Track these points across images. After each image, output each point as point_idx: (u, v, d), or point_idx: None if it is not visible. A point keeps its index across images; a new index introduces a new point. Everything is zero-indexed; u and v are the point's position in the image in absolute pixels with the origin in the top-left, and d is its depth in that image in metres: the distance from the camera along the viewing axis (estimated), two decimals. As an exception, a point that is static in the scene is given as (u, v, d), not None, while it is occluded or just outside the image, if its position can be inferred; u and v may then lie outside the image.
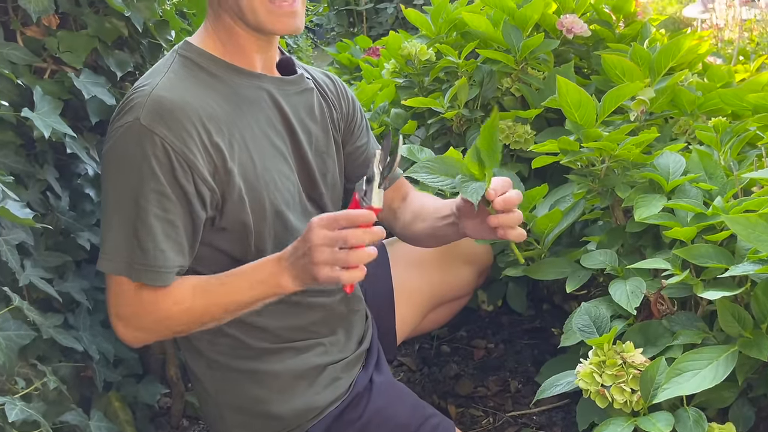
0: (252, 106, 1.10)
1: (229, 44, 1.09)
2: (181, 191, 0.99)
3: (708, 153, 1.15)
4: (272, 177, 1.10)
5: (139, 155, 0.97)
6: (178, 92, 1.02)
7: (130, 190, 0.98)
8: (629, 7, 1.73)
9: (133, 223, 0.98)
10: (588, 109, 1.17)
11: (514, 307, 1.66)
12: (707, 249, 0.94)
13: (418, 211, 1.29)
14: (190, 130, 0.99)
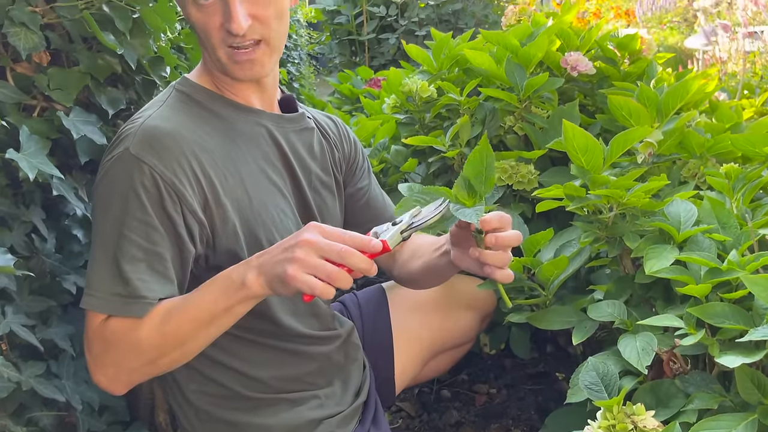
0: (249, 141, 1.06)
1: (220, 83, 1.07)
2: (170, 222, 0.95)
3: (720, 201, 1.10)
4: (269, 213, 1.06)
5: (126, 185, 0.93)
6: (172, 123, 0.99)
7: (115, 220, 0.94)
8: (634, 44, 1.70)
9: (114, 254, 0.93)
10: (595, 153, 1.13)
11: (517, 352, 1.60)
12: (723, 308, 0.88)
13: (415, 249, 1.27)
14: (181, 160, 0.96)
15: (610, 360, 1.04)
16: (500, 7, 4.12)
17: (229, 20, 0.96)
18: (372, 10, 3.83)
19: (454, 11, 3.77)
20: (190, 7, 0.99)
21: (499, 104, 1.59)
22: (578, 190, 1.13)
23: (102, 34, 1.20)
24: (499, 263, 0.99)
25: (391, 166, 1.76)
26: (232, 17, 0.96)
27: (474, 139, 1.60)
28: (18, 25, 1.17)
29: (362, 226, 1.30)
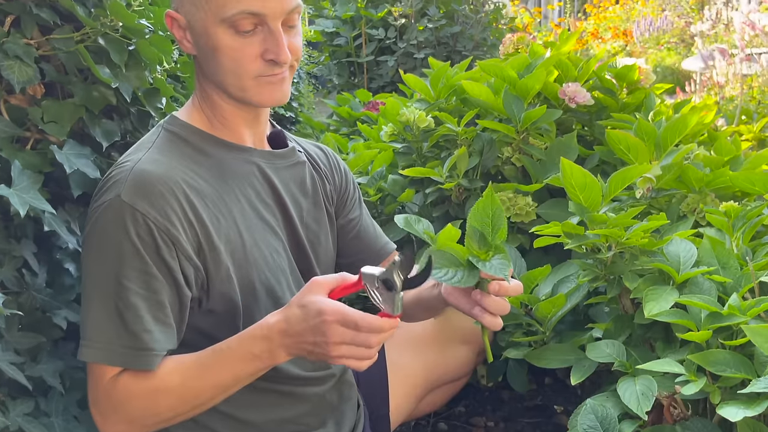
0: (240, 180, 1.05)
1: (215, 119, 1.06)
2: (167, 269, 0.94)
3: (720, 241, 1.09)
4: (262, 252, 1.05)
5: (120, 234, 0.91)
6: (162, 165, 0.97)
7: (112, 271, 0.92)
8: (632, 75, 1.70)
9: (115, 306, 0.92)
10: (593, 191, 1.12)
11: (514, 386, 1.58)
12: (724, 355, 0.87)
13: None
14: (174, 205, 0.94)
15: (609, 402, 1.03)
16: (498, 30, 4.14)
17: (277, 51, 0.97)
18: (371, 33, 3.84)
19: (452, 34, 3.78)
20: (222, 35, 0.97)
21: (496, 135, 1.58)
22: (576, 228, 1.11)
23: (97, 69, 1.19)
24: (498, 311, 0.99)
25: (388, 195, 1.75)
26: (280, 48, 0.97)
27: (471, 170, 1.59)
28: (12, 58, 1.16)
29: (354, 256, 1.29)
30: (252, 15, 0.95)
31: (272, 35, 0.96)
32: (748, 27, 3.81)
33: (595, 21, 12.42)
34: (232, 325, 1.02)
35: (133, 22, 1.21)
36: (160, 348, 0.93)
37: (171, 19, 1.02)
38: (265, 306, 1.05)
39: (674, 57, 8.57)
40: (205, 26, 0.97)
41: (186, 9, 0.99)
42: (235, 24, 0.95)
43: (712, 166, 1.41)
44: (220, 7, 0.95)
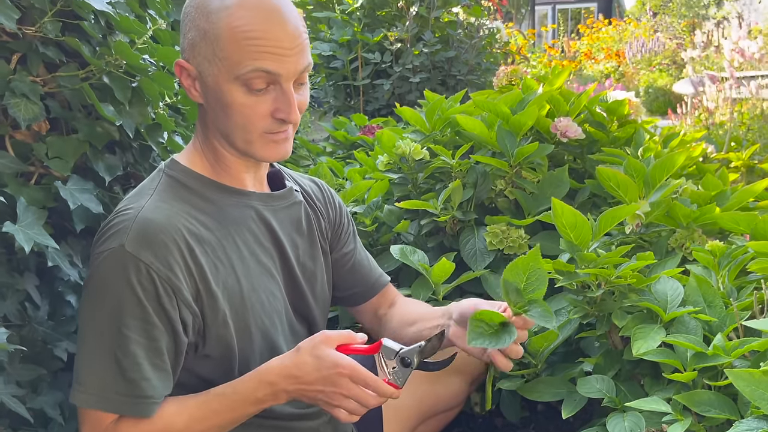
0: (239, 225, 1.08)
1: (217, 165, 1.09)
2: (166, 317, 0.96)
3: (706, 279, 1.12)
4: (259, 297, 1.07)
5: (122, 282, 0.94)
6: (164, 214, 1.00)
7: (112, 318, 0.94)
8: (622, 109, 1.75)
9: (114, 353, 0.94)
10: (583, 230, 1.15)
11: (507, 415, 1.60)
12: (709, 396, 0.90)
13: (405, 316, 1.29)
14: (175, 254, 0.97)
15: (598, 436, 1.05)
16: (493, 55, 4.20)
17: (288, 110, 1.00)
18: (367, 57, 3.89)
19: (447, 59, 3.84)
20: (235, 92, 0.99)
21: (490, 168, 1.62)
22: (567, 266, 1.15)
23: (101, 107, 1.22)
24: (514, 355, 1.06)
25: (384, 224, 1.78)
26: (291, 108, 1.00)
27: (466, 202, 1.62)
28: (19, 96, 1.19)
29: (349, 290, 1.32)
30: (266, 73, 0.98)
31: (284, 95, 0.99)
32: (738, 54, 3.88)
33: (588, 41, 12.59)
34: (227, 368, 1.05)
35: (137, 62, 1.25)
36: (158, 395, 0.96)
37: (180, 68, 1.04)
38: (260, 349, 1.08)
39: (666, 78, 8.69)
40: (217, 81, 0.99)
41: (198, 61, 1.01)
42: (249, 82, 0.98)
43: (700, 202, 1.45)
44: (235, 64, 0.97)
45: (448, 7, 4.09)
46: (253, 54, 0.96)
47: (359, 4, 4.07)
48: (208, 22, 0.99)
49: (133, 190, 1.08)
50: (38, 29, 1.21)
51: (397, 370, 1.01)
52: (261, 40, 0.96)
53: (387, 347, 1.01)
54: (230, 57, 0.97)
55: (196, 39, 1.00)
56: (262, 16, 0.98)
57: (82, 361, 0.96)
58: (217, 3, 0.99)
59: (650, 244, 1.44)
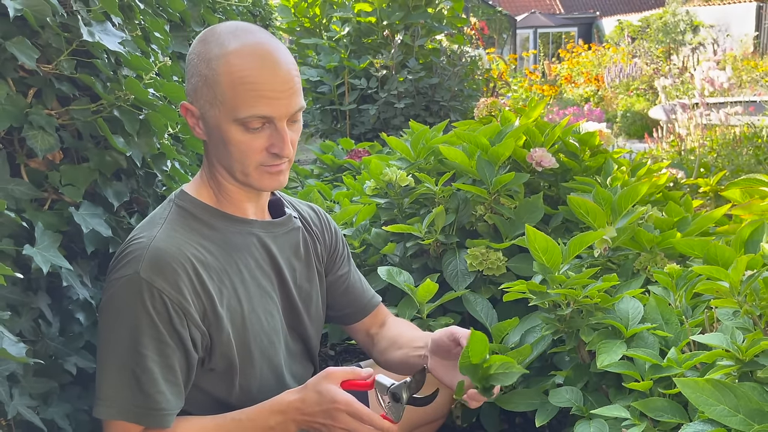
0: (241, 251, 1.18)
1: (221, 195, 1.19)
2: (178, 337, 1.06)
3: (664, 299, 1.24)
4: (258, 318, 1.17)
5: (138, 306, 1.03)
6: (174, 242, 1.10)
7: (129, 338, 1.04)
8: (594, 140, 1.88)
9: (132, 370, 1.04)
10: (554, 254, 1.27)
11: (486, 427, 1.70)
12: (662, 403, 1.01)
13: (395, 338, 1.38)
14: (185, 280, 1.07)
15: (568, 443, 1.16)
16: (475, 81, 4.36)
17: (282, 146, 1.09)
18: (353, 82, 4.02)
19: (431, 85, 3.98)
20: (233, 131, 1.09)
21: (471, 195, 1.74)
22: (539, 287, 1.26)
23: (113, 138, 1.32)
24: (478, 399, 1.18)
25: (371, 246, 1.89)
26: (285, 144, 1.10)
27: (448, 226, 1.74)
28: (36, 129, 1.28)
29: (343, 310, 1.42)
30: (262, 117, 1.08)
31: (278, 133, 1.09)
32: (708, 83, 4.07)
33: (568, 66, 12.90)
34: (229, 382, 1.15)
35: (146, 97, 1.35)
36: (172, 408, 1.05)
37: (186, 110, 1.14)
38: (260, 365, 1.18)
39: (643, 103, 8.94)
40: (217, 122, 1.10)
41: (201, 104, 1.11)
42: (246, 123, 1.08)
43: (663, 228, 1.57)
44: (234, 109, 1.07)
45: (432, 36, 4.25)
46: (249, 101, 1.06)
47: (346, 31, 4.22)
48: (209, 69, 1.09)
49: (144, 219, 1.18)
50: (55, 67, 1.31)
51: (391, 405, 1.10)
52: (256, 85, 1.06)
53: (379, 383, 1.11)
54: (229, 102, 1.07)
55: (198, 84, 1.11)
56: (257, 63, 1.08)
57: (104, 378, 1.06)
58: (216, 51, 1.09)
59: (618, 266, 1.56)
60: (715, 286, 1.03)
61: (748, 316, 1.02)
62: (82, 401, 1.38)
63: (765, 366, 0.93)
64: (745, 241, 1.28)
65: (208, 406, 1.12)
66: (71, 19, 1.30)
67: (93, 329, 1.35)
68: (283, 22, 4.65)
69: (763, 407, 0.87)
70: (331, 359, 2.44)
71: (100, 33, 1.33)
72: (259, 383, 1.17)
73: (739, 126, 3.97)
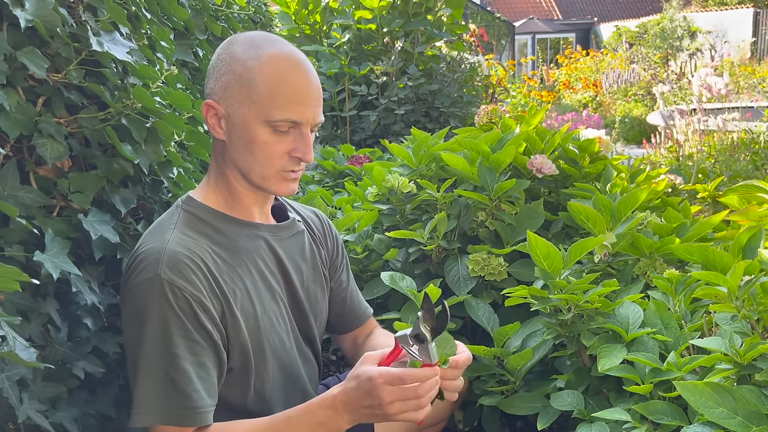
0: (250, 253, 1.20)
1: (230, 199, 1.21)
2: (206, 333, 1.08)
3: (663, 304, 1.26)
4: (270, 319, 1.19)
5: (165, 307, 1.05)
6: (189, 246, 1.12)
7: (160, 340, 1.05)
8: (593, 147, 1.90)
9: (166, 372, 1.05)
10: (555, 259, 1.29)
11: (488, 430, 1.72)
12: (662, 406, 1.03)
13: (379, 348, 1.40)
14: (203, 281, 1.09)
15: (570, 446, 1.18)
16: (474, 88, 4.39)
17: (305, 151, 1.13)
18: (354, 89, 4.05)
19: (431, 91, 4.01)
20: (261, 132, 1.12)
21: (472, 201, 1.76)
22: (541, 292, 1.28)
23: (122, 146, 1.34)
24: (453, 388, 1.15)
25: (374, 252, 1.91)
26: (308, 149, 1.13)
27: (450, 232, 1.76)
28: (45, 137, 1.31)
29: (338, 318, 1.44)
30: (292, 122, 1.12)
31: (302, 138, 1.13)
32: (705, 90, 4.10)
33: (566, 71, 12.96)
34: (245, 383, 1.17)
35: (153, 105, 1.38)
36: (208, 405, 1.07)
37: (208, 107, 1.16)
38: (272, 366, 1.20)
39: (641, 108, 8.99)
40: (246, 121, 1.12)
41: (229, 102, 1.14)
42: (276, 126, 1.11)
43: (661, 233, 1.59)
44: (267, 110, 1.11)
45: (432, 42, 4.28)
46: (285, 104, 1.10)
47: (346, 38, 4.25)
48: (245, 68, 1.12)
49: (151, 226, 1.20)
50: (64, 76, 1.33)
51: (421, 349, 1.06)
52: (293, 90, 1.11)
53: (400, 336, 1.07)
54: (263, 101, 1.11)
55: (230, 82, 1.13)
56: (293, 68, 1.12)
57: (139, 386, 1.06)
58: (253, 52, 1.12)
59: (618, 271, 1.58)
60: (713, 291, 1.05)
61: (746, 321, 1.04)
62: (90, 405, 1.40)
63: (763, 369, 0.96)
64: (743, 246, 1.30)
65: (226, 416, 1.13)
66: (80, 29, 1.32)
67: (100, 334, 1.36)
68: (284, 29, 4.68)
69: (761, 410, 0.90)
70: (333, 364, 2.46)
71: (108, 43, 1.36)
72: (271, 384, 1.19)
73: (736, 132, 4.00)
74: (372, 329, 1.48)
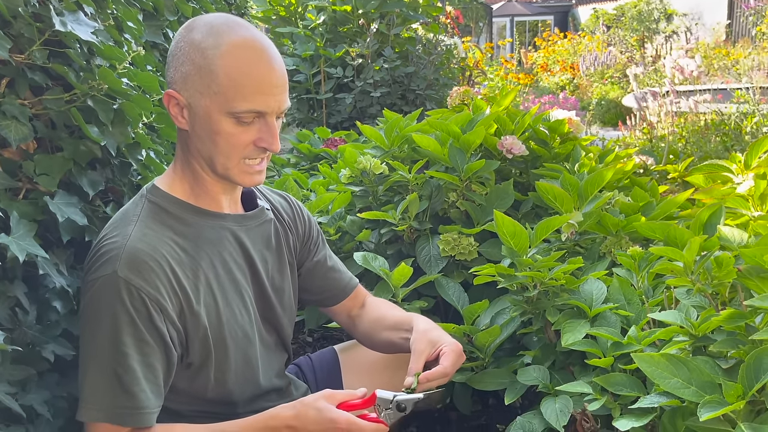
0: (215, 245, 1.19)
1: (196, 187, 1.19)
2: (158, 334, 1.07)
3: (627, 280, 1.29)
4: (232, 312, 1.19)
5: (118, 305, 1.04)
6: (150, 241, 1.10)
7: (110, 338, 1.05)
8: (563, 128, 1.93)
9: (114, 370, 1.04)
10: (521, 238, 1.31)
11: (459, 407, 1.75)
12: (622, 378, 1.06)
13: (378, 320, 1.42)
14: (162, 278, 1.08)
15: (535, 419, 1.21)
16: (450, 70, 4.39)
17: (271, 141, 1.11)
18: (329, 71, 4.03)
19: (407, 74, 4.01)
20: (224, 123, 1.09)
21: (443, 182, 1.78)
22: (508, 270, 1.30)
23: (87, 128, 1.33)
24: None
25: (347, 233, 1.92)
26: (273, 138, 1.11)
27: (422, 213, 1.78)
28: (9, 118, 1.29)
29: (323, 293, 1.44)
30: (256, 112, 1.09)
31: (268, 127, 1.11)
32: (678, 71, 4.15)
33: (544, 54, 13.00)
34: (204, 375, 1.17)
35: (120, 86, 1.36)
36: (154, 406, 1.07)
37: (169, 98, 1.13)
38: (234, 357, 1.20)
39: (617, 91, 9.06)
40: (208, 112, 1.09)
41: (190, 93, 1.11)
42: (239, 117, 1.09)
43: (628, 212, 1.62)
44: (228, 102, 1.07)
45: (407, 24, 4.27)
46: (247, 95, 1.07)
47: (321, 20, 4.22)
48: (204, 58, 1.08)
49: (115, 215, 1.19)
50: (27, 57, 1.31)
51: (391, 413, 1.13)
52: (254, 80, 1.07)
53: (382, 398, 1.14)
54: (224, 93, 1.07)
55: (190, 72, 1.10)
56: (256, 57, 1.09)
57: (86, 381, 1.06)
58: (212, 41, 1.09)
59: (585, 250, 1.61)
60: (670, 266, 1.08)
61: (701, 294, 1.07)
62: (61, 388, 1.39)
63: (716, 341, 0.99)
64: (703, 223, 1.33)
65: (186, 401, 1.14)
66: (43, 9, 1.30)
67: (70, 317, 1.36)
68: (259, 10, 4.63)
69: (714, 379, 0.93)
70: (309, 346, 2.48)
71: (72, 23, 1.34)
72: (234, 375, 1.19)
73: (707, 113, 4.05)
74: (363, 299, 1.49)
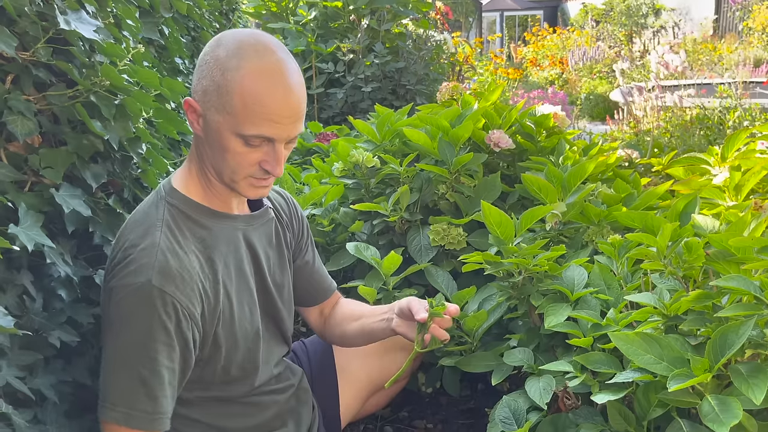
0: (230, 245, 1.25)
1: (209, 190, 1.24)
2: (183, 340, 1.12)
3: (607, 267, 1.37)
4: (242, 309, 1.25)
5: (151, 313, 1.08)
6: (178, 251, 1.15)
7: (142, 343, 1.09)
8: (549, 122, 1.99)
9: (139, 374, 1.08)
10: (508, 227, 1.38)
11: (449, 390, 1.82)
12: (600, 356, 1.13)
13: (349, 313, 1.49)
14: (192, 286, 1.13)
15: (520, 398, 1.28)
16: (441, 66, 4.45)
17: (274, 166, 1.14)
18: (321, 66, 4.08)
19: (397, 69, 4.06)
20: (233, 142, 1.12)
21: (433, 174, 1.84)
22: (494, 257, 1.37)
23: (91, 123, 1.39)
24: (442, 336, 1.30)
25: (340, 225, 1.98)
26: (277, 164, 1.14)
27: (412, 204, 1.84)
28: (15, 114, 1.34)
29: (306, 293, 1.51)
30: (265, 138, 1.12)
31: (274, 153, 1.14)
32: (663, 67, 4.23)
33: (534, 49, 13.08)
34: (213, 366, 1.23)
35: (121, 83, 1.42)
36: (170, 410, 1.12)
37: (189, 105, 1.17)
38: (242, 351, 1.26)
39: (605, 86, 9.15)
40: (219, 129, 1.13)
41: (206, 106, 1.14)
42: (248, 140, 1.12)
43: (610, 203, 1.70)
44: (240, 124, 1.10)
45: (398, 20, 4.32)
46: (257, 121, 1.10)
47: (313, 16, 4.26)
48: (223, 78, 1.11)
49: (136, 215, 1.23)
50: (32, 54, 1.36)
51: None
52: (266, 109, 1.09)
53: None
54: (236, 115, 1.10)
55: (209, 88, 1.13)
56: (271, 86, 1.10)
57: (110, 383, 1.10)
58: (234, 62, 1.11)
59: (569, 239, 1.68)
60: (645, 251, 1.15)
61: (672, 277, 1.14)
62: (66, 373, 1.45)
63: (686, 319, 1.06)
64: (679, 213, 1.41)
65: (187, 388, 1.20)
66: (48, 8, 1.35)
67: (74, 305, 1.41)
68: (250, 5, 4.67)
69: (683, 355, 1.00)
70: (303, 335, 2.54)
71: (75, 21, 1.39)
72: (240, 365, 1.26)
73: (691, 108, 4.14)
74: (337, 300, 1.56)
